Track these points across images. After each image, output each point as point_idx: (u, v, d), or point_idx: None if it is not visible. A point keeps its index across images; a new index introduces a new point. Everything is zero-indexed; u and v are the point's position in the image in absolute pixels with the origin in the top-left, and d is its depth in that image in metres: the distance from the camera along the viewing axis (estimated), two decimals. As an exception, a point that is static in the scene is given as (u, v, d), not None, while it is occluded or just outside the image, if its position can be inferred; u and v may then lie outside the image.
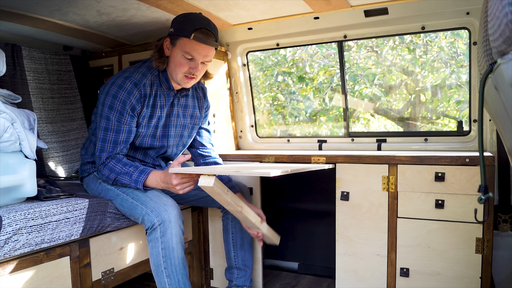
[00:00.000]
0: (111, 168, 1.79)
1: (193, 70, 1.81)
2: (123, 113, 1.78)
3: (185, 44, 1.76)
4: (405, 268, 1.96)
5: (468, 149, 2.21)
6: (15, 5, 2.03)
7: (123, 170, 1.78)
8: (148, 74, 1.85)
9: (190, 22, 1.75)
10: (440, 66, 3.03)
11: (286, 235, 2.71)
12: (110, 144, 1.80)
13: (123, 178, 1.78)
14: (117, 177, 1.79)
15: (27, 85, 2.44)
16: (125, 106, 1.77)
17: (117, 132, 1.79)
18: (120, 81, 1.78)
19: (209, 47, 1.79)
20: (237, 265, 2.13)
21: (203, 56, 1.79)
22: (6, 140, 1.57)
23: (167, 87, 1.90)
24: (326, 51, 3.46)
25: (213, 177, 1.51)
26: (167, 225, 1.67)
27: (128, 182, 1.78)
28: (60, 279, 1.62)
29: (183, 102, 2.00)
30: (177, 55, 1.79)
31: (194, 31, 1.73)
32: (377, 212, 2.01)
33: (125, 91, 1.77)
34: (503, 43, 0.68)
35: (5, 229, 1.41)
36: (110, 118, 1.77)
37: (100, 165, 1.82)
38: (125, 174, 1.78)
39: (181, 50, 1.77)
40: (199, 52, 1.77)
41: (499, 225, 2.07)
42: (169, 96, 1.92)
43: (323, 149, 2.59)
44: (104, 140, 1.79)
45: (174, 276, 1.68)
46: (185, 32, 1.74)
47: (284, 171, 1.50)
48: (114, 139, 1.79)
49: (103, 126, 1.79)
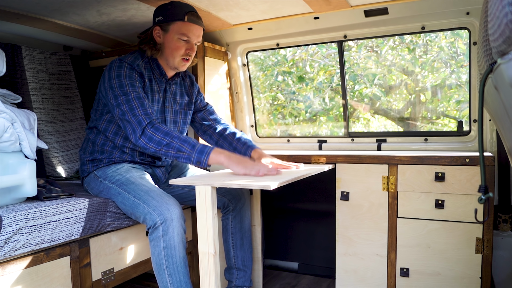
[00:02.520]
0: (166, 132, 1.69)
1: (190, 51, 1.90)
2: (134, 85, 1.80)
3: (180, 27, 1.86)
4: (405, 268, 1.96)
5: (468, 149, 2.21)
6: (15, 5, 2.03)
7: (181, 136, 1.68)
8: (139, 58, 1.91)
9: (179, 7, 1.87)
10: (440, 66, 3.03)
11: (286, 235, 2.71)
12: (140, 109, 1.74)
13: (183, 145, 1.66)
14: (174, 142, 1.66)
15: (27, 85, 2.44)
16: (132, 79, 1.81)
17: (139, 98, 1.77)
18: (117, 64, 1.83)
19: (200, 28, 1.92)
20: (236, 265, 2.13)
21: (196, 36, 1.90)
22: (6, 140, 1.57)
23: (159, 74, 1.95)
24: (326, 51, 3.46)
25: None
26: (169, 224, 1.67)
27: (189, 151, 1.66)
28: (60, 279, 1.62)
29: (174, 89, 2.04)
30: (172, 39, 1.87)
31: (186, 14, 1.85)
32: (377, 212, 2.01)
33: (126, 69, 1.82)
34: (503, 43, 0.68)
35: (5, 229, 1.41)
36: (126, 91, 1.77)
37: (147, 127, 1.69)
38: (185, 141, 1.67)
39: (177, 33, 1.86)
40: (194, 32, 1.88)
41: (499, 225, 2.07)
42: (161, 82, 1.98)
43: (323, 149, 2.59)
44: (132, 108, 1.74)
45: (175, 275, 1.68)
46: (178, 16, 1.85)
47: (284, 182, 1.49)
48: (140, 104, 1.75)
49: (124, 100, 1.75)
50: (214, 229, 1.51)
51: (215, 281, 1.52)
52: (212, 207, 1.49)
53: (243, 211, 2.10)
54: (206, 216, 1.50)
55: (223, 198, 2.05)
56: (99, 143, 1.94)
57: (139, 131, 1.71)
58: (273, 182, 1.43)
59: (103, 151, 1.93)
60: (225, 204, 2.07)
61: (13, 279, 1.45)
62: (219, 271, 1.56)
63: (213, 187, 1.49)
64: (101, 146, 1.94)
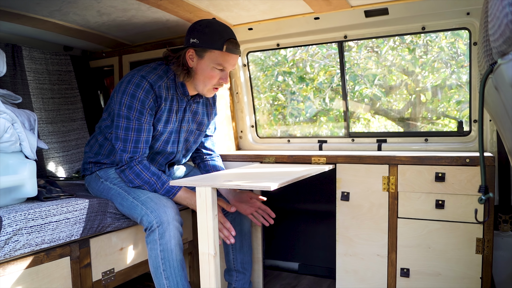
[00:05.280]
0: (138, 173, 1.79)
1: (223, 81, 1.82)
2: (143, 112, 1.76)
3: (217, 56, 1.74)
4: (406, 269, 1.95)
5: (469, 150, 2.21)
6: (15, 6, 2.03)
7: (151, 180, 1.79)
8: (164, 77, 1.82)
9: (218, 33, 1.74)
10: (441, 66, 3.03)
11: (286, 235, 2.71)
12: (132, 143, 1.77)
13: (151, 187, 1.80)
14: (142, 185, 1.80)
15: (27, 86, 2.44)
16: (144, 105, 1.75)
17: (138, 132, 1.77)
18: (137, 80, 1.75)
19: (237, 56, 1.81)
20: (236, 267, 2.13)
21: (233, 65, 1.81)
22: (6, 141, 1.57)
23: (182, 93, 1.88)
24: (326, 51, 3.46)
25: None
26: (165, 227, 1.67)
27: (157, 191, 1.82)
28: (61, 280, 1.62)
29: (194, 108, 1.98)
30: (207, 67, 1.77)
31: (225, 43, 1.72)
32: (378, 213, 2.01)
33: (143, 90, 1.74)
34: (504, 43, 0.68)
35: (5, 230, 1.41)
36: (130, 117, 1.75)
37: (124, 166, 1.79)
38: (152, 185, 1.80)
39: (213, 62, 1.76)
40: (231, 62, 1.78)
41: (500, 225, 2.07)
42: (182, 101, 1.90)
43: (324, 149, 2.59)
44: (126, 140, 1.76)
45: (172, 278, 1.69)
46: (216, 44, 1.72)
47: (284, 183, 1.49)
48: (136, 139, 1.77)
49: (124, 126, 1.76)
50: (215, 230, 1.51)
51: (215, 281, 1.52)
52: (213, 208, 1.49)
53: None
54: (207, 217, 1.50)
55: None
56: (106, 148, 1.94)
57: (121, 161, 1.80)
58: (273, 183, 1.43)
59: (109, 157, 1.94)
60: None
61: (13, 279, 1.45)
62: (220, 272, 1.56)
63: (213, 188, 1.49)
64: (108, 152, 1.93)
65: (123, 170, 1.80)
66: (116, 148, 1.79)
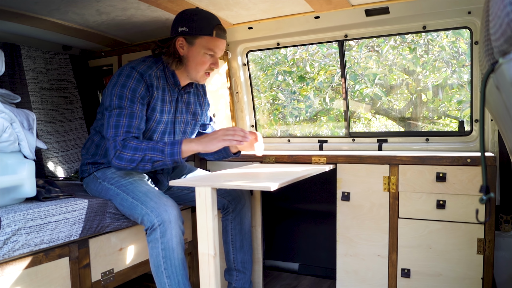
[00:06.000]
0: (135, 147, 1.68)
1: (214, 66, 1.86)
2: (134, 101, 1.74)
3: (207, 42, 1.79)
4: (406, 269, 1.95)
5: (470, 149, 2.20)
6: (14, 5, 2.03)
7: (149, 146, 1.68)
8: (154, 67, 1.84)
9: (206, 20, 1.79)
10: (442, 66, 3.02)
11: (287, 236, 2.70)
12: (124, 128, 1.72)
13: (154, 154, 1.68)
14: (146, 155, 1.67)
15: (26, 85, 2.43)
16: (135, 94, 1.75)
17: (131, 117, 1.73)
18: (127, 71, 1.76)
19: (225, 41, 1.86)
20: (236, 267, 2.12)
21: (222, 50, 1.85)
22: (5, 140, 1.56)
23: (173, 83, 1.90)
24: (326, 50, 3.46)
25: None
26: (167, 226, 1.66)
27: (162, 158, 1.69)
28: (60, 280, 1.61)
29: (186, 99, 2.00)
30: (198, 54, 1.80)
31: (214, 29, 1.78)
32: (378, 213, 2.00)
33: (134, 80, 1.75)
34: (505, 42, 0.67)
35: (4, 230, 1.40)
36: (122, 106, 1.73)
37: (118, 148, 1.69)
38: (154, 150, 1.68)
39: (203, 48, 1.79)
40: (220, 47, 1.83)
41: (501, 225, 2.06)
42: (174, 92, 1.92)
43: (324, 149, 2.58)
44: (117, 126, 1.72)
45: (174, 277, 1.68)
46: (206, 30, 1.77)
47: (284, 183, 1.49)
48: (128, 124, 1.73)
49: (115, 113, 1.72)
50: (214, 230, 1.51)
51: (215, 282, 1.52)
52: (212, 208, 1.49)
53: (243, 212, 2.09)
54: (206, 217, 1.49)
55: (223, 200, 2.04)
56: (102, 147, 1.93)
57: (114, 147, 1.70)
58: (273, 183, 1.42)
59: (106, 156, 1.93)
60: (225, 205, 2.06)
61: (12, 280, 1.45)
62: (219, 272, 1.55)
63: (213, 188, 1.49)
64: (105, 151, 1.92)
65: (119, 154, 1.69)
66: (108, 137, 1.73)
